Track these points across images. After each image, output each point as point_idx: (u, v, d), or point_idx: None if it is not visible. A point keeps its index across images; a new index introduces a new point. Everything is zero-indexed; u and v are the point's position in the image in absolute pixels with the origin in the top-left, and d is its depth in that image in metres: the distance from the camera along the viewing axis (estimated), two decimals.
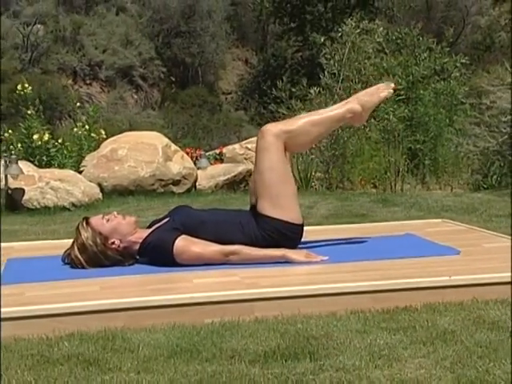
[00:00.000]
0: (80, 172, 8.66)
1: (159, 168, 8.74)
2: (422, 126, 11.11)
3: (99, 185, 8.41)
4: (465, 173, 9.88)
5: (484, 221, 5.86)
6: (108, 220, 3.88)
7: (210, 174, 9.29)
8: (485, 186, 9.09)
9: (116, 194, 8.48)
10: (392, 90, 4.15)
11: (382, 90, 4.13)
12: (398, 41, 12.38)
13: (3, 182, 7.82)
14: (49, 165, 8.93)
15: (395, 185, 9.51)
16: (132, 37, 27.25)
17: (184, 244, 3.75)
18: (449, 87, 11.75)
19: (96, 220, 3.89)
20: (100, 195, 8.15)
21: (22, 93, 9.53)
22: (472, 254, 4.00)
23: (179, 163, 8.95)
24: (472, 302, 3.35)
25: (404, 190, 9.37)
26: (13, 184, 7.78)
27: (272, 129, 3.90)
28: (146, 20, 27.81)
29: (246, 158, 9.90)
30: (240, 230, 3.90)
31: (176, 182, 8.81)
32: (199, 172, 9.28)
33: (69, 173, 8.27)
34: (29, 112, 9.30)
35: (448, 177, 10.25)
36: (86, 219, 3.91)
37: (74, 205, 7.73)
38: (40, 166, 8.70)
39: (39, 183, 7.83)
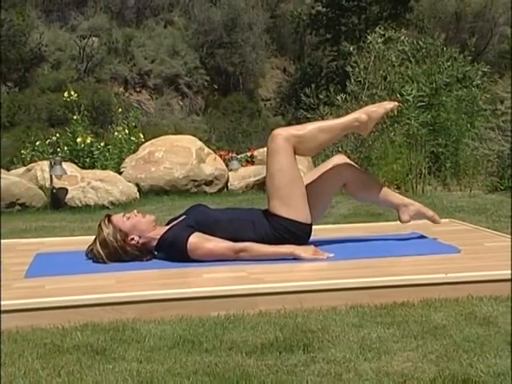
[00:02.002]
0: (120, 173, 8.69)
1: (193, 169, 8.74)
2: (444, 131, 10.95)
3: (137, 185, 8.43)
4: (482, 175, 9.71)
5: (493, 221, 5.74)
6: (128, 218, 3.88)
7: (241, 175, 9.26)
8: (502, 188, 8.91)
9: (152, 193, 8.50)
10: (397, 103, 4.16)
11: (388, 103, 4.13)
12: (423, 50, 12.22)
13: (48, 182, 7.89)
14: (92, 166, 8.97)
15: (416, 186, 9.37)
16: (178, 48, 27.35)
17: (197, 241, 3.73)
18: (470, 94, 11.56)
19: (117, 218, 3.88)
20: (137, 194, 8.17)
21: (69, 100, 9.62)
22: (472, 253, 3.91)
23: (212, 165, 8.94)
24: (467, 298, 3.28)
25: (425, 192, 9.23)
26: (57, 184, 7.84)
27: (282, 133, 3.86)
28: (191, 32, 27.91)
29: None
30: (252, 229, 3.86)
31: (208, 183, 8.81)
32: (231, 173, 9.25)
33: (109, 174, 8.31)
34: (74, 117, 9.37)
35: (468, 179, 10.08)
36: (108, 217, 3.91)
37: (112, 203, 7.76)
38: (84, 168, 8.74)
39: (81, 183, 7.88)
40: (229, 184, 9.12)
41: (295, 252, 3.78)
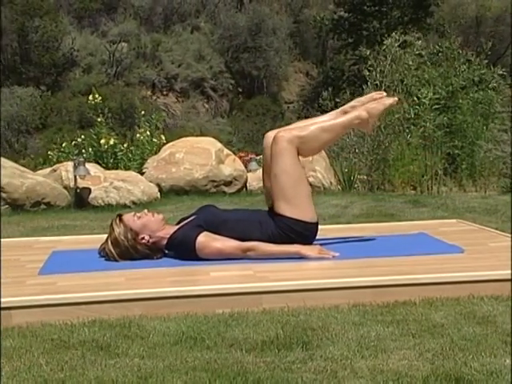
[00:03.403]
0: (142, 173, 8.70)
1: (212, 170, 8.72)
2: (460, 133, 10.82)
3: (158, 185, 8.43)
4: (497, 176, 9.59)
5: (502, 221, 5.65)
6: (139, 217, 3.87)
7: (260, 176, 9.20)
8: None
9: (173, 193, 8.49)
10: (396, 99, 4.09)
11: (387, 99, 4.07)
12: (439, 54, 12.10)
13: (73, 182, 7.92)
14: (115, 167, 8.98)
15: (432, 187, 9.28)
16: (204, 52, 27.44)
17: (205, 240, 3.71)
18: (486, 97, 11.42)
19: (128, 217, 3.87)
20: (158, 194, 8.16)
21: (93, 102, 9.66)
22: (475, 253, 3.85)
23: (231, 166, 8.91)
24: (468, 297, 3.22)
25: (440, 192, 9.13)
26: (81, 184, 7.86)
27: (285, 135, 3.83)
28: (216, 37, 27.98)
29: None
30: (258, 228, 3.83)
31: (227, 183, 8.78)
32: (250, 174, 9.22)
33: (131, 174, 8.32)
34: (98, 119, 9.39)
35: (484, 180, 9.97)
36: (119, 216, 3.90)
37: (134, 203, 7.75)
38: (107, 168, 8.76)
39: (104, 183, 7.89)
40: (247, 184, 9.09)
41: (301, 251, 3.75)
